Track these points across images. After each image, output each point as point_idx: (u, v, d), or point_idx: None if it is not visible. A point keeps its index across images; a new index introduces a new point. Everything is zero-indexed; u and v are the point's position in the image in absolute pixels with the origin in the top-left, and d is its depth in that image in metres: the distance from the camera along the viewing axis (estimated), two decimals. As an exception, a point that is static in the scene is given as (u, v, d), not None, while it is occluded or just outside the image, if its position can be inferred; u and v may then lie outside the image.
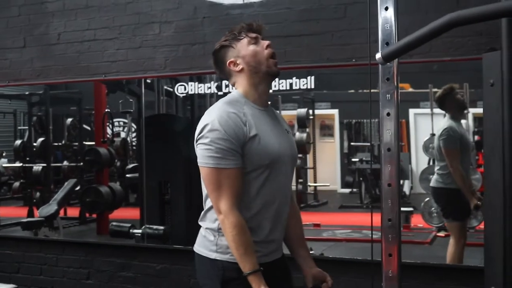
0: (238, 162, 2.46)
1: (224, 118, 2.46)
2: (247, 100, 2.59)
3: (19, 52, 5.47)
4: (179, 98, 5.50)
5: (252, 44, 2.60)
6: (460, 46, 3.99)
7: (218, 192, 2.45)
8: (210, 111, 2.54)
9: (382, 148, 2.82)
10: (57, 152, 8.34)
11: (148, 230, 5.19)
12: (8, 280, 5.26)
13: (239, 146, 2.46)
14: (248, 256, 2.43)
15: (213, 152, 2.44)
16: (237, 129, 2.45)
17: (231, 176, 2.45)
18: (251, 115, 2.53)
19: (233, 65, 2.60)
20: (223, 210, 2.44)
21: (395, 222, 2.77)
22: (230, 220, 2.43)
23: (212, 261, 2.54)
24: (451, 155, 4.82)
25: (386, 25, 2.79)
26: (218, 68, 2.68)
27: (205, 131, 2.47)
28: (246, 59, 2.58)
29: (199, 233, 2.65)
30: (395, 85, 2.80)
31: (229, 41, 2.61)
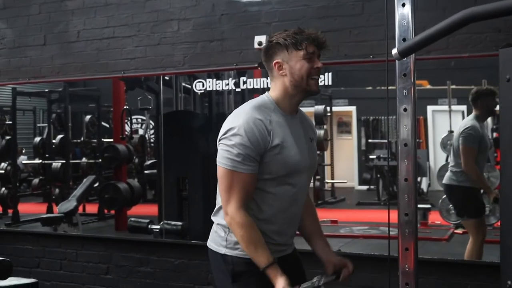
0: (254, 169, 2.50)
1: (250, 125, 2.48)
2: (277, 107, 2.61)
3: (39, 49, 5.54)
4: (197, 95, 5.51)
5: (306, 59, 2.57)
6: (478, 43, 3.99)
7: (229, 193, 2.51)
8: (238, 114, 2.56)
9: (399, 144, 2.83)
10: (76, 149, 8.38)
11: (166, 226, 5.22)
12: (29, 275, 5.32)
13: (259, 154, 2.50)
14: (260, 251, 2.48)
15: (233, 155, 2.48)
16: (260, 138, 2.48)
17: (244, 181, 2.49)
18: (277, 122, 2.55)
19: (278, 66, 2.60)
20: (230, 211, 2.50)
21: (411, 216, 2.79)
22: (236, 221, 2.48)
23: (222, 256, 2.61)
24: (468, 153, 4.80)
25: (403, 22, 2.81)
26: (265, 59, 2.68)
27: (229, 133, 2.50)
28: (293, 70, 2.58)
29: (212, 228, 2.71)
30: (412, 81, 2.81)
31: (287, 43, 2.58)
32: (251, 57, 4.66)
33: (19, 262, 5.49)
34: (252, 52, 4.64)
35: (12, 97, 7.03)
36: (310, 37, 2.58)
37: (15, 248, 5.69)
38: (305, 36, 2.57)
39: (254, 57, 4.64)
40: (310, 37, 2.58)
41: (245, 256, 2.53)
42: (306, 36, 2.57)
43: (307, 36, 2.58)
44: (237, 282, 2.56)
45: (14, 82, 5.86)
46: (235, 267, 2.56)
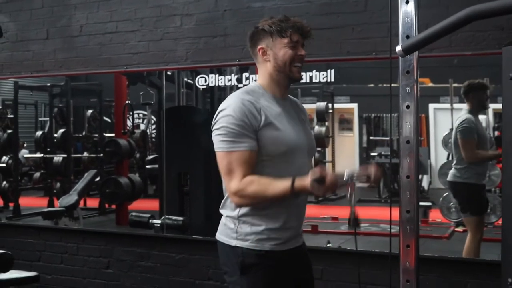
0: (250, 145, 2.49)
1: (238, 105, 2.51)
2: (265, 91, 2.64)
3: (42, 43, 5.54)
4: (199, 90, 5.52)
5: (290, 47, 2.61)
6: (481, 41, 3.99)
7: (229, 175, 2.50)
8: (227, 99, 2.60)
9: (402, 141, 2.84)
10: (78, 143, 8.39)
11: (167, 221, 5.23)
12: (30, 268, 5.33)
13: (252, 131, 2.49)
14: (278, 184, 2.44)
15: (225, 136, 2.49)
16: (250, 115, 2.49)
17: (242, 158, 2.48)
18: (267, 105, 2.57)
19: (262, 52, 2.65)
20: (233, 188, 2.49)
21: (413, 213, 2.79)
22: (242, 187, 2.47)
23: (232, 248, 2.59)
24: (467, 145, 4.81)
25: (406, 19, 2.81)
26: (250, 45, 2.72)
27: (219, 116, 2.54)
28: (276, 56, 2.62)
29: (221, 221, 2.70)
30: (415, 78, 2.81)
31: (272, 30, 2.62)
32: (254, 53, 4.65)
33: (20, 255, 5.51)
34: (255, 48, 4.64)
35: (14, 91, 7.04)
36: (295, 25, 2.62)
37: (16, 242, 5.70)
38: (290, 24, 2.61)
39: (257, 53, 4.63)
40: (295, 26, 2.62)
41: (256, 248, 2.53)
42: (291, 24, 2.61)
43: (292, 24, 2.62)
44: (246, 275, 2.55)
45: (17, 75, 5.86)
46: (245, 259, 2.55)
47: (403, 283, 2.83)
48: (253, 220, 2.56)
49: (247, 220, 2.56)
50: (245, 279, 2.57)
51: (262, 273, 2.53)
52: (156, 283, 5.10)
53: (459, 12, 2.02)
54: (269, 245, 2.55)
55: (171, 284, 5.04)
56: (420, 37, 2.28)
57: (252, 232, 2.55)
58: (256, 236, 2.55)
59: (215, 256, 4.76)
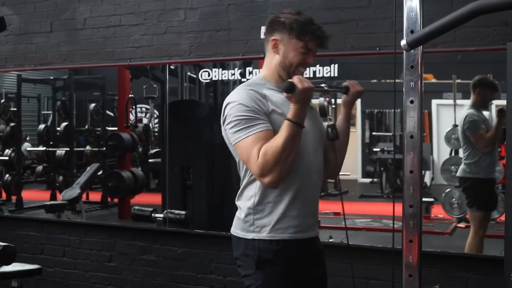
0: (265, 126, 2.48)
1: (244, 94, 2.52)
2: (268, 82, 2.64)
3: (45, 36, 5.54)
4: (202, 84, 5.52)
5: (301, 52, 2.60)
6: (485, 36, 3.99)
7: (249, 160, 2.47)
8: (230, 94, 2.61)
9: (405, 136, 2.83)
10: (80, 137, 8.39)
11: (169, 215, 5.24)
12: (32, 261, 5.34)
13: (263, 114, 2.49)
14: (281, 131, 2.45)
15: (238, 125, 2.48)
16: (257, 101, 2.50)
17: (259, 139, 2.45)
18: (270, 94, 2.58)
19: (274, 43, 2.64)
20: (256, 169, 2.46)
21: (416, 209, 2.79)
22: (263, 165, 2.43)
23: (249, 241, 2.58)
24: (479, 138, 4.82)
25: (411, 14, 2.80)
26: (266, 31, 2.70)
27: (227, 110, 2.54)
28: (285, 54, 2.62)
29: (235, 216, 2.68)
30: (419, 73, 2.81)
31: (292, 28, 2.58)
32: (257, 47, 4.65)
33: (23, 248, 5.52)
34: (259, 43, 4.63)
35: (17, 84, 7.04)
36: (316, 33, 2.60)
37: (19, 234, 5.71)
38: (311, 30, 2.59)
39: (261, 48, 4.59)
40: (316, 34, 2.60)
41: (273, 238, 2.52)
42: (312, 31, 2.59)
43: (314, 31, 2.59)
44: (260, 269, 2.55)
45: (20, 68, 5.87)
46: (262, 254, 2.54)
47: (406, 278, 2.82)
48: (270, 208, 2.55)
49: (264, 209, 2.56)
50: (260, 274, 2.56)
51: (278, 268, 2.53)
52: (159, 277, 5.11)
53: (464, 7, 2.01)
54: (288, 234, 2.55)
55: (173, 278, 5.05)
56: (425, 31, 2.28)
57: (269, 222, 2.55)
58: (273, 226, 2.54)
59: (218, 250, 4.80)
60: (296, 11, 2.67)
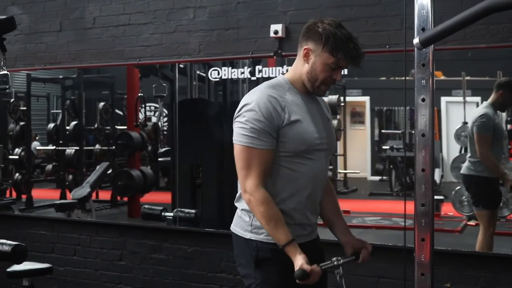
0: (270, 144, 2.50)
1: (263, 101, 2.49)
2: (292, 87, 2.61)
3: (55, 36, 5.55)
4: (211, 83, 5.52)
5: (331, 68, 2.55)
6: (496, 33, 3.97)
7: (246, 170, 2.50)
8: (252, 92, 2.59)
9: (416, 134, 2.82)
10: (90, 136, 8.42)
11: (179, 213, 5.24)
12: (43, 260, 5.35)
13: (274, 129, 2.49)
14: (280, 229, 2.47)
15: (248, 131, 2.48)
16: (275, 113, 2.49)
17: (261, 156, 2.49)
18: (292, 101, 2.56)
19: (305, 52, 2.59)
20: (249, 188, 2.49)
21: (428, 207, 2.78)
22: (256, 198, 2.48)
23: (247, 240, 2.60)
24: (482, 141, 4.78)
25: (422, 11, 2.79)
26: (301, 35, 2.64)
27: (243, 110, 2.52)
28: (314, 66, 2.57)
29: (236, 213, 2.70)
30: (430, 71, 2.80)
31: (327, 42, 2.52)
32: (267, 46, 4.65)
33: (34, 247, 5.52)
34: (268, 41, 4.63)
35: (26, 83, 7.06)
36: (351, 53, 2.53)
37: (30, 233, 5.72)
38: (347, 48, 2.51)
39: (270, 46, 4.63)
40: (350, 53, 2.53)
41: (270, 241, 2.53)
42: (348, 49, 2.52)
43: (349, 50, 2.52)
44: (259, 268, 2.56)
45: (30, 68, 5.87)
46: (259, 253, 2.56)
47: (418, 277, 2.81)
48: None
49: None
50: (259, 272, 2.57)
51: (277, 266, 2.53)
52: (169, 276, 5.11)
53: (478, 4, 2.00)
54: None
55: (183, 277, 5.05)
56: (438, 29, 2.27)
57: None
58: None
59: (228, 249, 4.78)
60: (337, 23, 2.57)
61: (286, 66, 4.67)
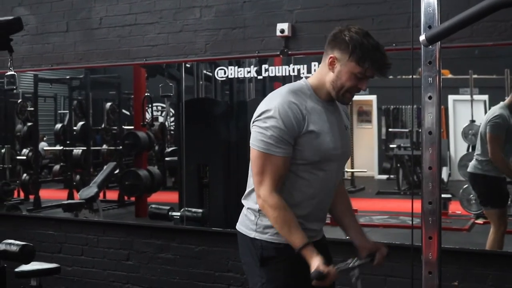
0: (287, 152, 2.49)
1: (285, 108, 2.48)
2: (313, 94, 2.59)
3: (62, 36, 5.57)
4: (218, 82, 5.51)
5: (357, 78, 2.51)
6: (503, 31, 3.96)
7: (262, 176, 2.50)
8: (274, 97, 2.56)
9: (423, 132, 2.82)
10: (97, 136, 8.43)
11: (187, 213, 5.24)
12: (51, 260, 5.37)
13: (292, 137, 2.49)
14: (295, 232, 2.47)
15: (267, 137, 2.47)
16: (295, 121, 2.48)
17: (277, 164, 2.48)
18: (312, 108, 2.54)
19: (331, 61, 2.55)
20: (263, 194, 2.49)
21: (435, 205, 2.78)
22: (269, 203, 2.48)
23: (252, 239, 2.60)
24: (494, 141, 4.75)
25: (429, 9, 2.79)
26: (327, 43, 2.59)
27: (264, 116, 2.50)
28: (340, 75, 2.53)
29: (242, 212, 2.70)
30: (437, 69, 2.79)
31: (354, 51, 2.48)
32: (273, 45, 4.65)
33: (41, 247, 5.55)
34: (274, 40, 4.63)
35: (34, 84, 7.07)
36: (378, 63, 2.49)
37: (37, 233, 5.74)
38: (373, 58, 2.48)
39: (276, 45, 4.63)
40: (377, 63, 2.49)
41: (274, 241, 2.54)
42: (374, 59, 2.48)
43: (376, 59, 2.48)
44: (264, 267, 2.56)
45: (37, 68, 5.89)
46: (264, 252, 2.56)
47: (425, 275, 2.81)
48: None
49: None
50: (264, 271, 2.57)
51: (282, 265, 2.54)
52: (176, 275, 5.12)
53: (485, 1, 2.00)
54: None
55: (191, 276, 5.06)
56: (445, 26, 2.26)
57: (271, 226, 2.55)
58: (275, 229, 2.55)
59: (235, 248, 4.77)
60: (364, 32, 2.53)
61: (292, 65, 4.66)
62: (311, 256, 2.44)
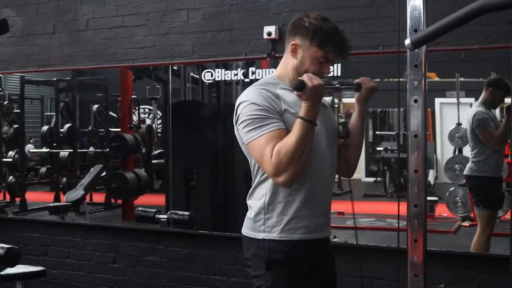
0: (278, 125, 2.45)
1: (255, 93, 2.49)
2: (281, 82, 2.60)
3: (48, 38, 5.55)
4: (205, 84, 5.51)
5: (319, 62, 2.54)
6: (489, 34, 3.98)
7: (262, 159, 2.44)
8: (243, 93, 2.57)
9: (409, 135, 2.82)
10: (84, 138, 8.41)
11: (173, 216, 5.24)
12: (36, 263, 5.33)
13: (276, 112, 2.46)
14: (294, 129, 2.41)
15: (251, 124, 2.45)
16: (270, 100, 2.47)
17: (273, 138, 2.42)
18: (283, 93, 2.54)
19: (293, 48, 2.57)
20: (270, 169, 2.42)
21: (421, 208, 2.78)
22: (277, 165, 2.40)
23: (259, 241, 2.56)
24: (489, 136, 4.79)
25: (414, 12, 2.79)
26: (288, 31, 2.62)
27: (240, 109, 2.50)
28: (302, 60, 2.56)
29: (246, 216, 2.65)
30: (422, 72, 2.80)
31: (314, 36, 2.51)
32: (260, 48, 4.65)
33: (27, 250, 5.52)
34: (262, 43, 4.64)
35: (20, 86, 7.05)
36: (339, 46, 2.53)
37: (23, 236, 5.71)
38: (334, 41, 2.51)
39: (263, 48, 4.63)
40: (338, 46, 2.53)
41: (284, 238, 2.50)
42: (335, 42, 2.51)
43: (336, 42, 2.52)
44: (270, 270, 2.53)
45: (23, 70, 5.87)
46: (271, 255, 2.52)
47: (411, 278, 2.81)
48: (281, 208, 2.53)
49: (275, 208, 2.54)
50: (270, 274, 2.54)
51: (288, 268, 2.52)
52: (163, 278, 5.11)
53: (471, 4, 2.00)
54: (298, 234, 2.53)
55: (177, 279, 5.05)
56: (430, 30, 2.27)
57: (279, 222, 2.52)
58: (284, 226, 2.52)
59: (222, 251, 4.79)
60: (322, 17, 2.56)
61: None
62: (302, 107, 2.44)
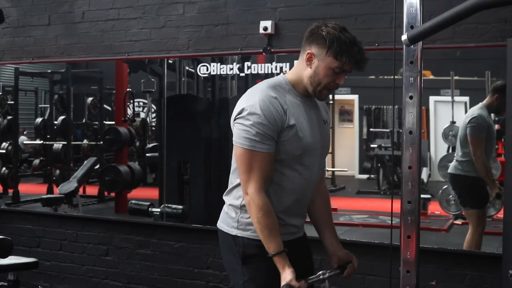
0: (272, 148, 2.48)
1: (266, 103, 2.47)
2: (292, 89, 2.59)
3: (43, 29, 5.52)
4: (200, 79, 5.51)
5: (334, 73, 2.51)
6: (484, 33, 3.98)
7: (249, 174, 2.48)
8: (253, 93, 2.55)
9: (404, 132, 2.83)
10: (78, 131, 8.41)
11: (167, 209, 5.24)
12: (29, 254, 5.33)
13: (276, 132, 2.48)
14: (273, 238, 2.46)
15: (251, 135, 2.45)
16: (277, 116, 2.47)
17: (263, 160, 2.47)
18: (292, 103, 2.54)
19: (308, 57, 2.54)
20: (250, 192, 2.47)
21: (414, 204, 2.79)
22: (256, 203, 2.46)
23: (233, 237, 2.59)
24: (476, 143, 4.79)
25: (411, 9, 2.80)
26: (305, 40, 2.59)
27: (245, 113, 2.48)
28: (317, 71, 2.53)
29: (222, 209, 2.69)
30: (418, 69, 2.81)
31: (331, 46, 2.48)
32: (256, 42, 4.64)
33: (20, 241, 5.51)
34: (257, 37, 4.63)
35: (14, 77, 7.03)
36: (355, 58, 2.50)
37: (16, 228, 5.70)
38: (351, 52, 2.48)
39: (259, 42, 4.63)
40: (355, 58, 2.49)
41: (257, 238, 2.51)
42: (352, 53, 2.48)
43: (353, 54, 2.49)
44: (246, 265, 2.56)
45: (18, 61, 5.85)
46: (246, 250, 2.55)
47: (403, 274, 2.83)
48: None
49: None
50: (246, 269, 2.56)
51: (264, 263, 2.52)
52: (155, 271, 5.11)
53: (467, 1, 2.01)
54: None
55: (170, 272, 5.04)
56: (426, 26, 2.27)
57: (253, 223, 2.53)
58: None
59: (214, 245, 4.78)
60: (341, 27, 2.52)
61: (275, 62, 4.66)
62: (283, 266, 2.43)
